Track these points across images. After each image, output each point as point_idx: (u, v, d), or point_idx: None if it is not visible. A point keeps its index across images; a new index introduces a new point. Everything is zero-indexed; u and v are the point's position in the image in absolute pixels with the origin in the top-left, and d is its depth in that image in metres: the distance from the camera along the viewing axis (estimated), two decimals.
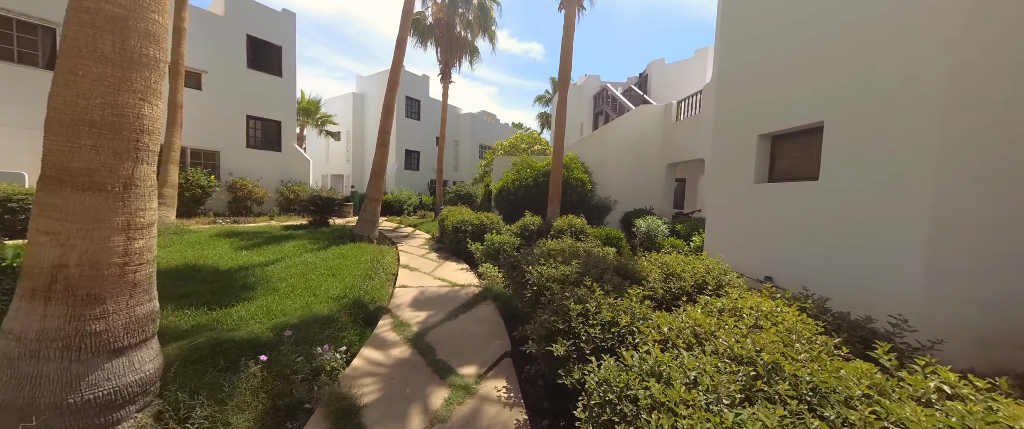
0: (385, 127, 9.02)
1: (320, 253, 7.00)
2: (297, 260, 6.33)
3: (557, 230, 7.14)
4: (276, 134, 16.12)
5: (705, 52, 14.34)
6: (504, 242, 6.62)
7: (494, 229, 7.72)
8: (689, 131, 8.98)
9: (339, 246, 7.74)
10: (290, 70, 16.30)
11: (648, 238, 7.28)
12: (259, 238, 8.43)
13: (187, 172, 12.77)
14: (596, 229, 7.77)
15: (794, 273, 4.47)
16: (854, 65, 3.92)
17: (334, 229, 10.78)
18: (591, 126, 17.60)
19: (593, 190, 9.17)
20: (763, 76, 5.11)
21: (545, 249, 6.00)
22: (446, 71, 15.69)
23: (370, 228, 8.80)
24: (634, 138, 10.01)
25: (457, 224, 7.79)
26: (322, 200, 11.96)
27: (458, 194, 16.56)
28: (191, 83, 13.85)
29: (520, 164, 9.95)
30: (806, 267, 4.34)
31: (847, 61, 4.00)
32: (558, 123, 7.88)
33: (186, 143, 13.64)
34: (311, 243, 8.07)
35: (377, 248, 7.90)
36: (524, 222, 7.54)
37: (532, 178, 9.30)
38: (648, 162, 9.98)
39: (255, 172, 15.23)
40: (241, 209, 14.37)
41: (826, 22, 4.24)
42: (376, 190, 8.96)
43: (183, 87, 9.49)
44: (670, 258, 4.27)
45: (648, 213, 9.45)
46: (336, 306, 4.20)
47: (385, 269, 6.22)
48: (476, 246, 6.88)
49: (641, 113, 10.09)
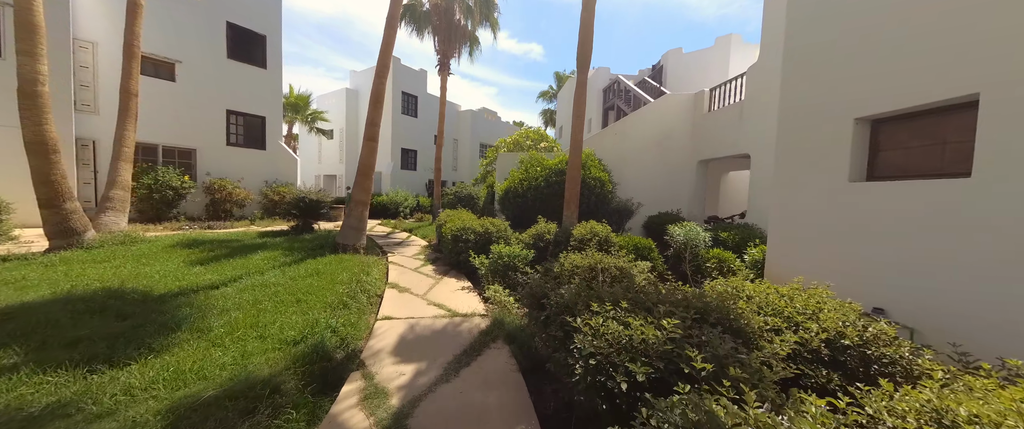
0: (373, 119, 7.77)
1: (291, 269, 5.75)
2: (258, 280, 5.07)
3: (578, 240, 5.90)
4: (260, 131, 14.86)
5: (726, 40, 13.13)
6: (514, 255, 5.38)
7: (501, 238, 6.47)
8: (727, 122, 7.74)
9: (316, 259, 6.48)
10: (276, 61, 15.05)
11: (686, 249, 6.04)
12: (224, 248, 7.17)
13: (157, 172, 11.53)
14: (621, 237, 6.52)
15: (922, 308, 3.24)
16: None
17: (318, 236, 9.53)
18: (600, 123, 16.37)
19: (613, 191, 7.94)
20: (865, 45, 3.87)
21: (569, 266, 4.77)
22: (444, 62, 14.44)
23: (356, 236, 7.54)
24: (659, 132, 8.77)
25: (457, 232, 6.54)
26: (307, 202, 10.70)
27: (458, 196, 15.04)
28: (164, 74, 12.62)
29: (528, 162, 8.71)
30: (946, 303, 3.10)
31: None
32: (577, 112, 6.63)
33: (157, 140, 12.40)
34: (284, 255, 6.82)
35: (362, 260, 6.65)
36: (537, 230, 6.29)
37: (542, 178, 8.06)
38: (675, 159, 8.74)
39: (236, 172, 13.98)
40: (220, 212, 13.11)
41: None
42: (363, 191, 7.70)
43: (138, 73, 8.24)
44: (753, 287, 3.06)
45: (676, 217, 8.21)
46: (286, 358, 2.94)
47: (368, 290, 4.97)
48: (480, 259, 5.63)
49: (667, 103, 8.85)
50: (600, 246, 5.91)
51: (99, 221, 7.11)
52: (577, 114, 6.62)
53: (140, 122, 12.16)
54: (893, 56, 3.61)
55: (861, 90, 3.87)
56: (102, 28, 11.27)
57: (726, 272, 5.26)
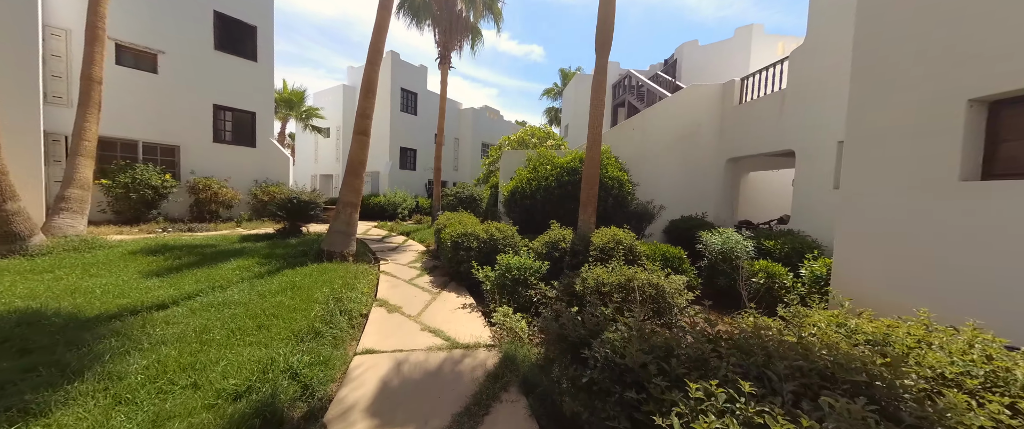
0: (364, 110, 6.94)
1: (262, 282, 4.91)
2: (218, 297, 4.22)
3: (599, 249, 5.05)
4: (250, 127, 14.04)
5: (747, 31, 12.27)
6: (525, 268, 4.53)
7: (508, 246, 5.62)
8: (763, 115, 6.87)
9: (295, 269, 5.64)
10: (267, 54, 14.23)
11: (725, 261, 5.19)
12: (193, 256, 6.34)
13: (135, 170, 10.70)
14: (646, 245, 5.68)
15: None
16: None
17: (305, 240, 8.69)
18: (609, 121, 15.52)
19: (632, 193, 7.09)
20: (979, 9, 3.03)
21: (593, 282, 3.93)
22: (445, 56, 13.61)
23: (343, 241, 6.69)
24: (682, 127, 7.92)
25: (458, 239, 5.70)
26: (295, 203, 9.86)
27: (459, 197, 14.03)
28: (145, 65, 11.80)
29: (537, 160, 7.86)
30: None
31: None
32: (595, 101, 5.79)
33: (137, 136, 11.58)
34: (261, 263, 5.98)
35: (349, 270, 5.80)
36: (551, 237, 5.44)
37: (553, 177, 7.21)
38: (700, 157, 7.88)
39: (224, 170, 13.15)
40: (205, 214, 12.29)
41: None
42: (352, 191, 6.86)
43: (103, 58, 7.44)
44: (868, 324, 2.26)
45: (702, 222, 7.35)
46: (218, 423, 2.10)
47: (350, 310, 4.12)
48: (485, 271, 4.78)
49: (691, 95, 7.99)
50: (625, 256, 5.06)
51: (51, 224, 6.29)
52: (596, 103, 5.77)
53: (119, 116, 11.40)
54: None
55: (977, 62, 3.02)
56: (77, 15, 10.44)
57: (778, 290, 4.41)
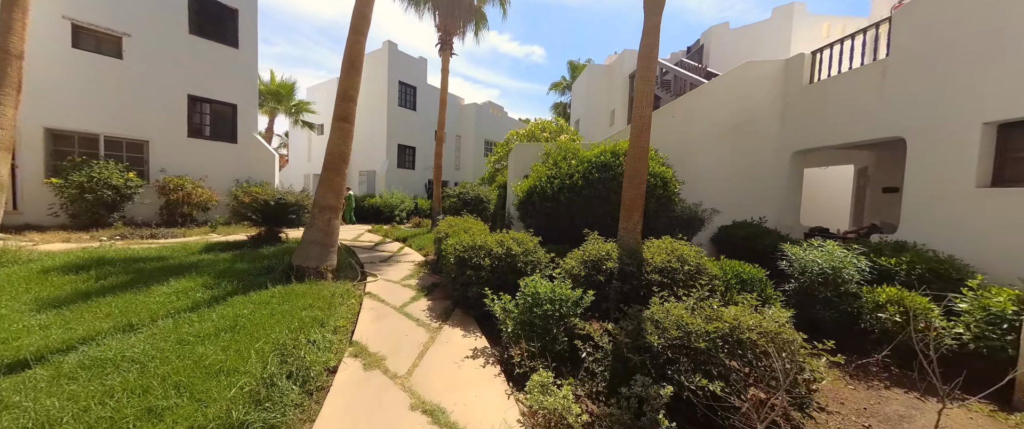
0: (347, 90, 5.60)
1: (194, 319, 3.55)
2: (115, 348, 2.87)
3: (658, 269, 3.69)
4: (230, 121, 12.70)
5: (787, 10, 10.89)
6: (562, 300, 3.18)
7: (531, 265, 4.26)
8: (851, 94, 5.46)
9: (249, 295, 4.29)
10: (249, 40, 12.90)
11: (824, 283, 3.83)
12: (129, 274, 4.99)
13: (92, 167, 9.35)
14: (712, 262, 4.31)
15: None
16: None
17: (280, 250, 7.36)
18: (626, 115, 14.17)
19: (678, 193, 5.74)
20: None
21: (675, 330, 2.58)
22: (446, 41, 12.25)
23: (320, 254, 5.34)
24: (733, 114, 6.55)
25: (464, 253, 4.34)
26: (272, 205, 8.53)
27: (463, 198, 11.99)
28: (107, 49, 10.46)
29: (558, 154, 6.51)
30: None
31: None
32: (644, 75, 4.43)
33: (98, 129, 10.23)
34: (209, 286, 4.63)
35: (322, 295, 4.44)
36: (589, 253, 4.07)
37: (580, 175, 5.85)
38: (757, 150, 6.50)
39: (200, 169, 11.80)
40: (177, 217, 10.93)
41: None
42: (331, 191, 5.51)
43: (24, 29, 6.05)
44: None
45: (760, 228, 5.98)
46: None
47: (307, 370, 2.75)
48: (504, 302, 3.41)
49: (745, 75, 6.59)
50: (691, 278, 3.71)
51: None
52: (645, 76, 4.40)
53: (76, 107, 10.03)
54: None
55: None
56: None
57: (923, 332, 3.04)
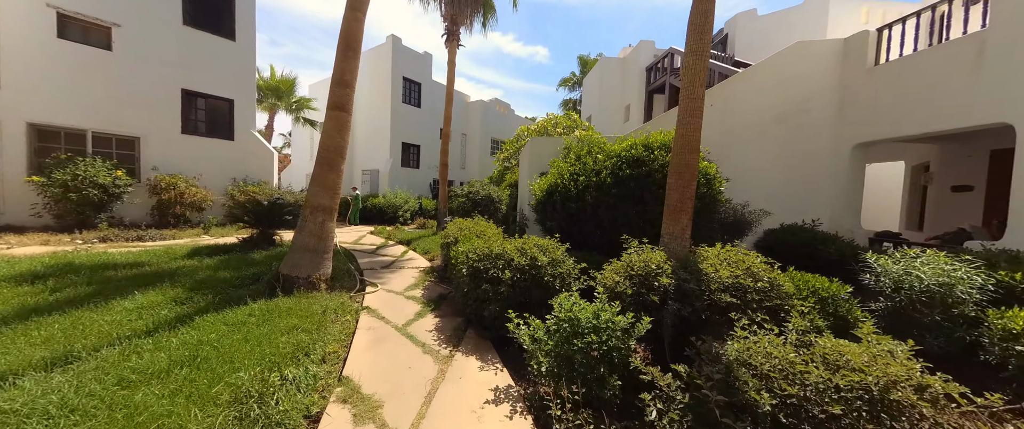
0: (343, 75, 4.93)
1: (150, 346, 2.88)
2: (38, 388, 2.21)
3: (724, 286, 2.96)
4: (227, 117, 12.11)
5: None
6: (610, 329, 2.47)
7: (559, 277, 3.55)
8: (934, 75, 4.63)
9: (226, 312, 3.62)
10: (247, 32, 12.30)
11: (929, 303, 3.09)
12: (93, 285, 4.35)
13: (77, 165, 8.77)
14: (781, 275, 3.56)
15: None
16: None
17: (272, 255, 6.71)
18: (643, 109, 13.42)
19: (722, 192, 5.00)
20: None
21: (785, 391, 1.84)
22: (453, 31, 11.58)
23: (311, 262, 4.66)
24: (781, 102, 5.76)
25: (478, 263, 3.65)
26: (265, 206, 7.90)
27: (473, 198, 10.89)
28: (96, 41, 9.89)
29: (581, 148, 5.79)
30: None
31: None
32: (696, 48, 3.70)
33: (85, 125, 9.66)
34: (181, 300, 3.97)
35: (312, 311, 3.77)
36: (635, 265, 3.33)
37: (608, 171, 5.12)
38: (809, 142, 5.69)
39: (195, 167, 11.22)
40: (169, 218, 10.35)
41: None
42: (325, 190, 4.84)
43: None
44: None
45: (815, 232, 5.22)
46: None
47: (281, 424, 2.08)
48: (533, 328, 2.70)
49: (796, 57, 5.77)
50: (765, 298, 2.98)
51: None
52: (697, 49, 3.67)
53: (61, 101, 9.42)
54: None
55: None
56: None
57: None
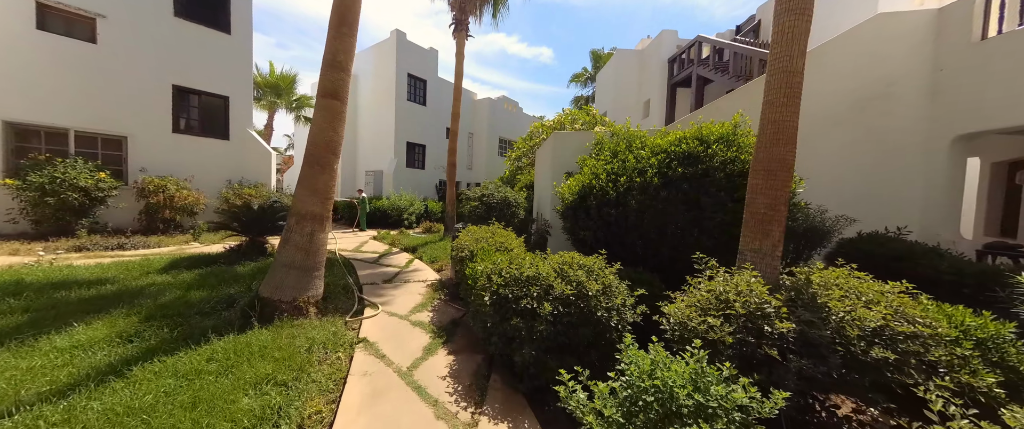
0: (335, 56, 4.09)
1: (63, 415, 2.07)
2: None
3: (873, 333, 2.08)
4: (221, 115, 11.39)
5: None
6: (721, 406, 1.61)
7: (615, 310, 2.69)
8: None
9: (181, 354, 2.80)
10: (243, 25, 11.58)
11: None
12: (33, 311, 3.56)
13: (56, 166, 8.07)
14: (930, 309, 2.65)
15: None
16: None
17: (258, 268, 5.91)
18: (665, 103, 12.51)
19: (797, 193, 4.11)
20: None
21: None
22: (461, 20, 10.75)
23: (298, 281, 3.84)
24: (860, 85, 4.80)
25: (506, 291, 2.80)
26: (254, 212, 7.12)
27: (487, 202, 9.23)
28: (79, 33, 9.20)
29: (615, 143, 4.92)
30: None
31: None
32: (796, 6, 2.83)
33: (67, 123, 8.96)
34: (128, 335, 3.16)
35: (293, 351, 2.94)
36: (732, 298, 2.47)
37: (655, 170, 4.26)
38: (893, 133, 4.71)
39: (187, 168, 10.51)
40: (158, 223, 9.62)
41: None
42: (313, 195, 4.01)
43: None
44: None
45: (918, 245, 4.29)
46: None
47: None
48: (601, 402, 1.84)
49: (878, 32, 4.73)
50: (924, 350, 2.09)
51: None
52: (794, 6, 2.80)
53: (42, 98, 8.67)
54: None
55: None
56: None
57: None
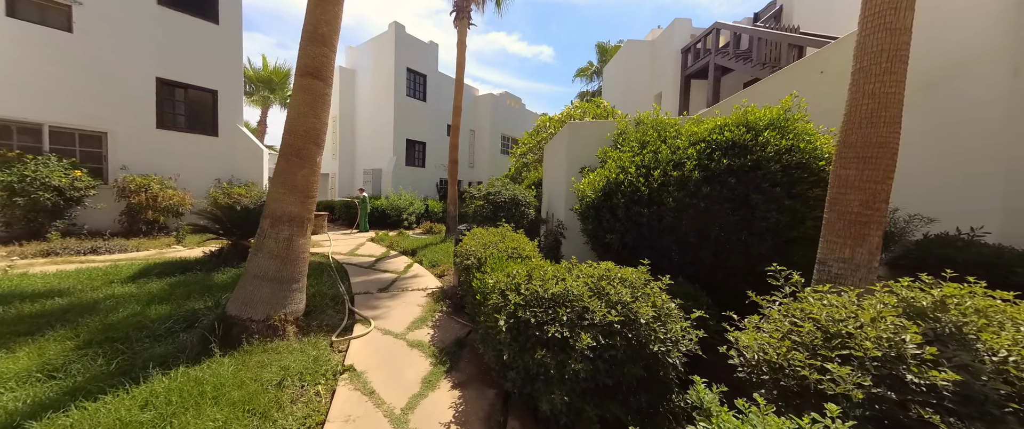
0: (317, 27, 3.45)
1: None
2: None
3: None
4: (210, 109, 10.79)
5: None
6: None
7: (670, 342, 2.05)
8: None
9: (110, 397, 2.17)
10: (233, 15, 10.97)
11: None
12: None
13: (27, 165, 7.46)
14: None
15: None
16: None
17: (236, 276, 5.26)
18: (679, 95, 11.86)
19: None
20: None
21: None
22: (463, 8, 10.11)
23: (273, 297, 3.22)
24: (928, 64, 4.17)
25: (528, 316, 2.16)
26: (237, 213, 6.50)
27: (494, 201, 8.00)
28: (54, 21, 8.59)
29: (643, 133, 4.29)
30: None
31: None
32: None
33: (40, 118, 8.36)
34: (54, 369, 2.53)
35: (260, 388, 2.32)
36: (854, 334, 1.84)
37: (693, 163, 3.62)
38: (968, 119, 4.10)
39: (173, 166, 9.92)
40: (140, 224, 9.02)
41: None
42: (291, 194, 3.38)
43: None
44: None
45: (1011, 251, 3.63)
46: None
47: None
48: None
49: (951, 1, 4.15)
50: None
51: None
52: None
53: (12, 90, 8.13)
54: None
55: None
56: None
57: None
